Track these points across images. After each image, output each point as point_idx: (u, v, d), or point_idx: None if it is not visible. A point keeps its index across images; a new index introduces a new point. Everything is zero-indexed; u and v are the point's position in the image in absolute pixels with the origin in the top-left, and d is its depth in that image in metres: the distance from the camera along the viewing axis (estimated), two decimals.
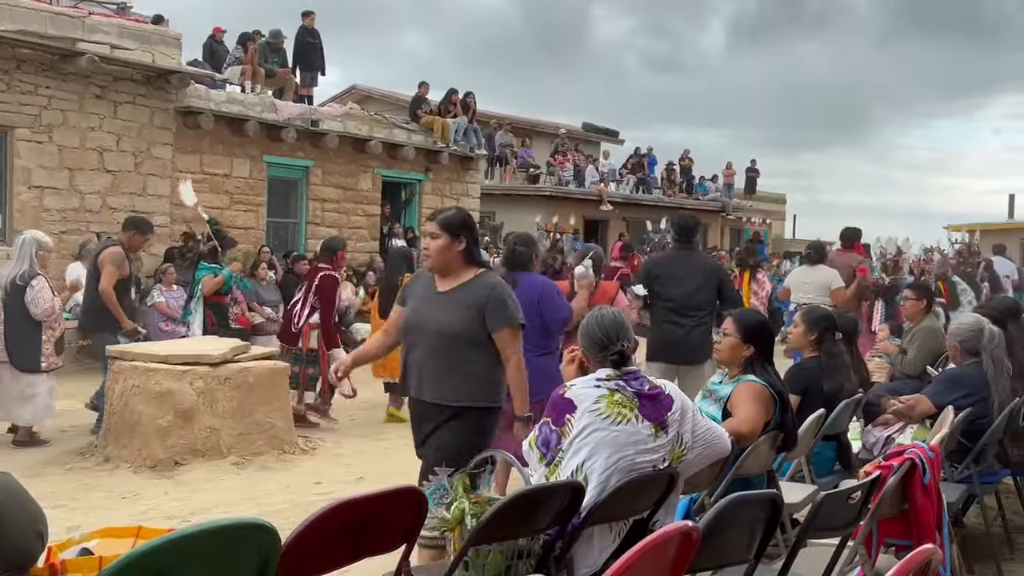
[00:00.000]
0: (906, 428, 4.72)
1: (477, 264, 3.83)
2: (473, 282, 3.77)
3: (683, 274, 6.13)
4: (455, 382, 3.70)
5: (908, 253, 18.09)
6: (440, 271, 3.82)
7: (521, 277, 5.11)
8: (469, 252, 3.79)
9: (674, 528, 2.17)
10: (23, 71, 10.58)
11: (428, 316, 3.77)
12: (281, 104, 13.38)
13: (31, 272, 6.59)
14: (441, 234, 3.75)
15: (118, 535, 2.18)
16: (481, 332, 3.69)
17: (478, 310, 3.68)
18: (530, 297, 4.95)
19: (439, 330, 3.71)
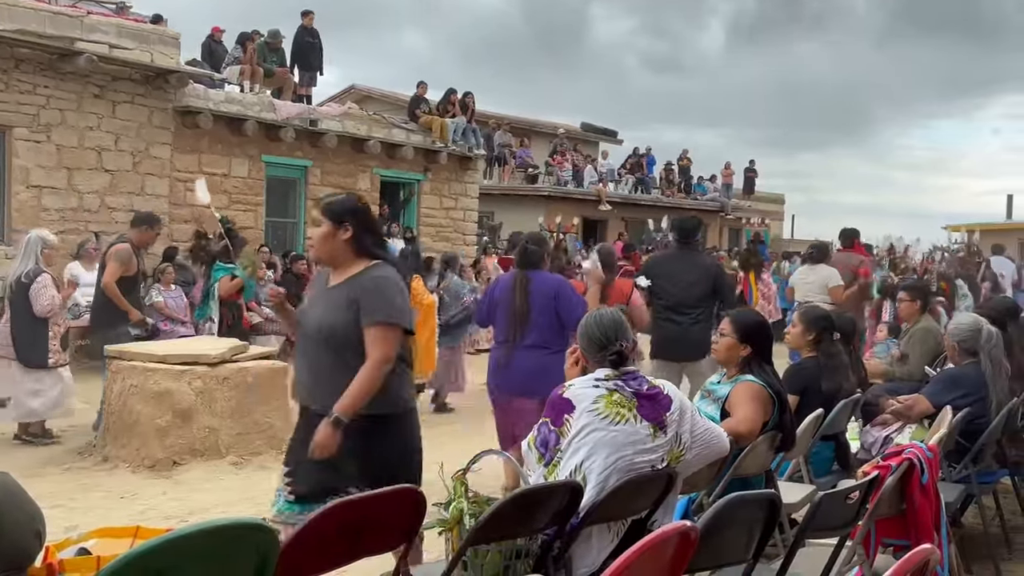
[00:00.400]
0: (904, 428, 4.72)
1: (369, 255, 3.38)
2: (361, 275, 3.34)
3: (680, 273, 6.27)
4: (340, 388, 3.24)
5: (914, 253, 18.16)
6: (327, 263, 3.47)
7: (534, 275, 5.22)
8: (358, 241, 3.35)
9: (672, 528, 2.17)
10: (21, 70, 10.57)
11: (310, 315, 3.44)
12: (280, 104, 13.38)
13: (36, 270, 6.69)
14: (323, 220, 3.38)
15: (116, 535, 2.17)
16: (359, 330, 3.28)
17: (357, 307, 3.28)
18: (545, 295, 5.09)
19: (318, 330, 3.35)
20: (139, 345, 6.92)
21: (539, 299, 5.14)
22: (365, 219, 3.43)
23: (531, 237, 5.67)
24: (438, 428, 7.98)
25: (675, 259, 6.62)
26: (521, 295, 5.19)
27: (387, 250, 3.50)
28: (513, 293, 5.24)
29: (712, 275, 6.38)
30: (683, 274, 6.25)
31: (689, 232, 6.65)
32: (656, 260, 7.13)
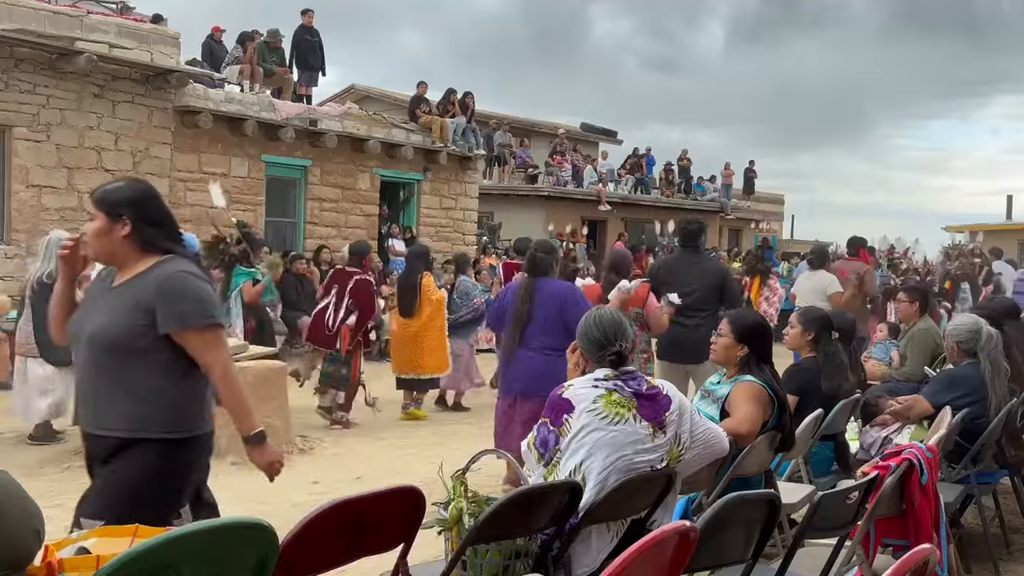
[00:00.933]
0: (903, 428, 4.73)
1: (157, 250, 2.86)
2: (146, 274, 2.83)
3: (685, 276, 6.34)
4: (120, 406, 2.81)
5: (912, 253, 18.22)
6: (106, 261, 2.96)
7: (542, 283, 5.34)
8: (139, 236, 2.84)
9: (672, 528, 2.17)
10: (21, 70, 10.58)
11: (84, 321, 2.90)
12: (280, 104, 13.38)
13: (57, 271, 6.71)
14: (97, 214, 2.86)
15: (116, 534, 2.17)
16: (146, 337, 2.77)
17: (145, 309, 2.77)
18: (553, 302, 5.19)
19: (91, 338, 2.82)
20: None
21: (545, 305, 5.22)
22: (147, 209, 2.90)
23: (540, 245, 5.78)
24: (442, 427, 8.00)
25: (680, 262, 6.71)
26: (525, 300, 5.31)
27: (181, 242, 3.00)
28: (519, 299, 5.37)
29: (718, 278, 6.46)
30: (688, 277, 6.31)
31: (693, 235, 6.73)
32: (661, 264, 7.26)
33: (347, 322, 7.63)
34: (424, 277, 8.13)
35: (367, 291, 7.80)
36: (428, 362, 8.12)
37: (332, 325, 7.64)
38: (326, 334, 7.70)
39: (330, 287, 7.89)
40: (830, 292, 8.47)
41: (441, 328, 8.21)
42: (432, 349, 8.10)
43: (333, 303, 7.71)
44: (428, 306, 8.06)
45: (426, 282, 8.11)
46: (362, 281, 7.79)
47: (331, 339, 7.67)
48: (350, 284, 7.69)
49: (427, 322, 8.08)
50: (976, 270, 14.38)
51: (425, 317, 8.07)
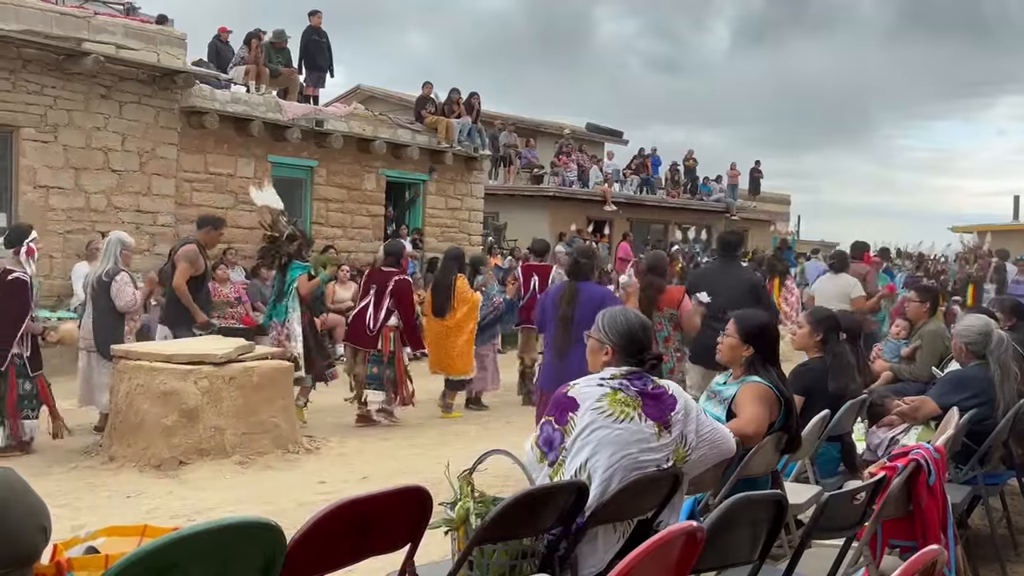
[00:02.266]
0: (910, 429, 4.71)
1: None
2: None
3: (720, 284, 6.62)
4: None
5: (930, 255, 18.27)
6: None
7: (583, 286, 5.73)
8: None
9: (679, 528, 2.17)
10: (29, 71, 10.61)
11: None
12: (286, 104, 13.40)
13: (115, 269, 7.12)
14: None
15: (124, 533, 2.18)
16: None
17: None
18: (592, 304, 5.36)
19: None
20: (145, 345, 6.96)
21: (586, 307, 5.45)
22: None
23: (581, 251, 6.30)
24: (448, 427, 8.01)
25: (716, 272, 7.14)
26: (569, 303, 5.65)
27: None
28: (561, 301, 5.70)
29: (752, 286, 6.80)
30: (723, 286, 6.57)
31: (732, 246, 7.30)
32: (699, 272, 7.85)
33: (388, 323, 7.73)
34: (458, 279, 8.32)
35: (408, 291, 7.90)
36: (458, 363, 8.34)
37: (373, 326, 7.73)
38: (367, 335, 7.77)
39: (367, 287, 7.95)
40: (853, 296, 8.65)
41: (472, 332, 8.39)
42: (461, 352, 8.29)
43: (372, 304, 7.77)
44: (462, 306, 8.25)
45: (460, 284, 8.29)
46: (402, 281, 7.89)
47: (372, 340, 7.76)
48: (390, 285, 7.76)
49: (460, 323, 8.27)
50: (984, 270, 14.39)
51: (459, 317, 8.25)
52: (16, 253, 6.57)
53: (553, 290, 6.14)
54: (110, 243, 7.30)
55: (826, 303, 8.73)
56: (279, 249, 7.71)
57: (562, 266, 9.47)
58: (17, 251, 6.58)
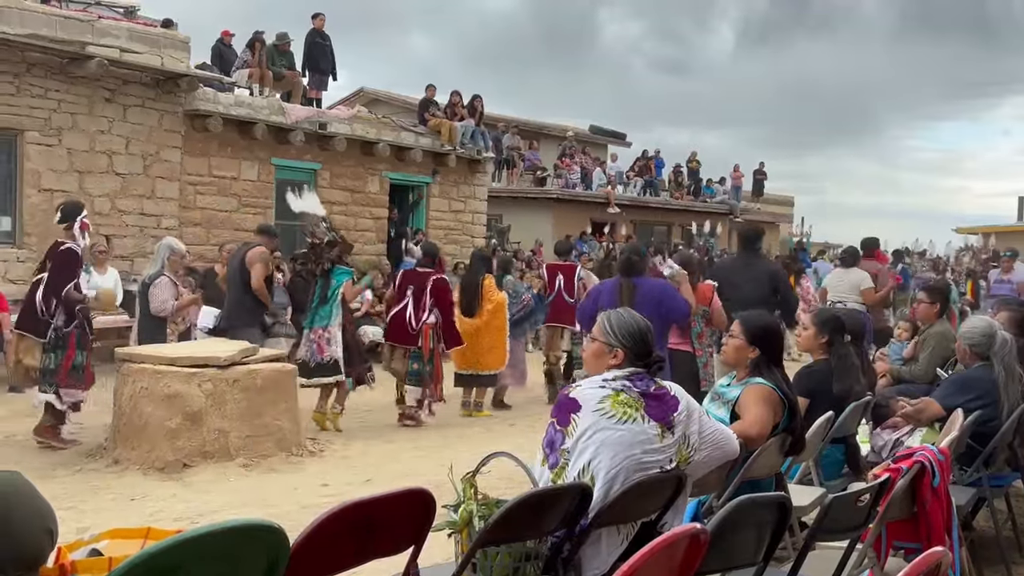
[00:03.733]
0: (915, 431, 4.70)
1: None
2: None
3: (742, 278, 6.86)
4: None
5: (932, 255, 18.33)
6: None
7: (639, 281, 6.01)
8: None
9: (682, 530, 2.17)
10: (33, 74, 10.64)
11: None
12: (289, 107, 13.42)
13: (158, 274, 7.48)
14: None
15: (127, 536, 2.18)
16: None
17: None
18: (651, 297, 5.81)
19: None
20: (150, 347, 6.97)
21: (646, 302, 5.71)
22: None
23: (633, 249, 6.68)
24: (451, 430, 8.01)
25: (738, 266, 7.30)
26: (627, 299, 5.79)
27: None
28: (619, 298, 5.85)
29: (773, 280, 6.98)
30: (744, 280, 6.81)
31: (752, 240, 7.45)
32: (720, 266, 8.02)
33: (428, 320, 7.94)
34: (486, 279, 8.59)
35: (446, 289, 8.13)
36: (488, 359, 8.56)
37: (415, 324, 7.94)
38: (409, 333, 7.97)
39: (404, 287, 8.15)
40: (863, 288, 8.96)
41: (501, 328, 8.63)
42: (491, 347, 8.54)
43: (412, 303, 7.96)
44: (489, 305, 8.50)
45: (487, 284, 8.57)
46: (440, 280, 8.13)
47: (414, 338, 7.97)
48: (428, 284, 7.98)
49: (488, 321, 8.52)
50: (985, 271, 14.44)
51: (486, 316, 8.50)
52: (69, 228, 6.85)
53: (607, 287, 6.32)
54: (160, 248, 7.69)
55: (838, 297, 9.13)
56: (321, 255, 7.82)
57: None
58: (70, 226, 6.84)
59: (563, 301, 9.38)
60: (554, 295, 9.50)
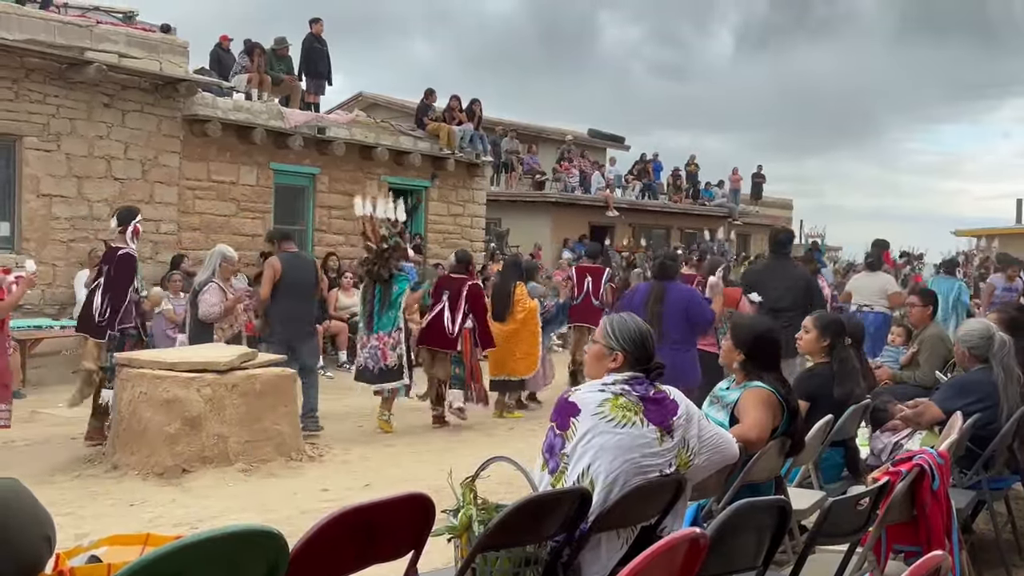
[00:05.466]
0: (914, 434, 4.70)
1: None
2: None
3: (773, 281, 7.05)
4: None
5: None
6: None
7: (670, 286, 6.35)
8: None
9: (682, 535, 2.17)
10: (31, 80, 10.63)
11: None
12: (288, 112, 13.42)
13: (207, 280, 7.67)
14: None
15: (126, 542, 2.17)
16: None
17: None
18: (679, 301, 6.17)
19: None
20: (149, 353, 6.97)
21: (674, 305, 6.15)
22: None
23: (667, 254, 7.14)
24: (451, 434, 8.01)
25: (769, 269, 7.47)
26: (657, 302, 6.19)
27: None
28: (650, 300, 6.23)
29: (803, 283, 7.16)
30: (776, 281, 7.00)
31: (783, 244, 7.62)
32: (753, 270, 8.23)
33: (466, 325, 8.15)
34: (517, 286, 8.84)
35: (481, 295, 8.39)
36: (520, 365, 8.82)
37: (452, 329, 8.12)
38: (447, 338, 8.15)
39: (440, 293, 8.34)
40: (889, 291, 9.15)
41: (534, 333, 8.91)
42: (524, 353, 8.81)
43: (448, 308, 8.15)
44: (521, 312, 8.77)
45: (519, 290, 8.86)
46: (475, 286, 8.38)
47: (453, 342, 8.17)
48: (464, 290, 8.18)
49: (520, 327, 8.78)
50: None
51: (518, 321, 8.76)
52: (123, 232, 7.10)
53: (641, 289, 6.69)
54: (212, 255, 7.87)
55: (864, 300, 9.35)
56: (387, 260, 7.94)
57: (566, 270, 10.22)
58: (124, 230, 7.10)
59: (591, 303, 9.70)
60: (582, 297, 9.80)
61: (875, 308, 9.17)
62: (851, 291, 9.83)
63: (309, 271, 8.10)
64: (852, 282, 10.22)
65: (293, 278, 7.84)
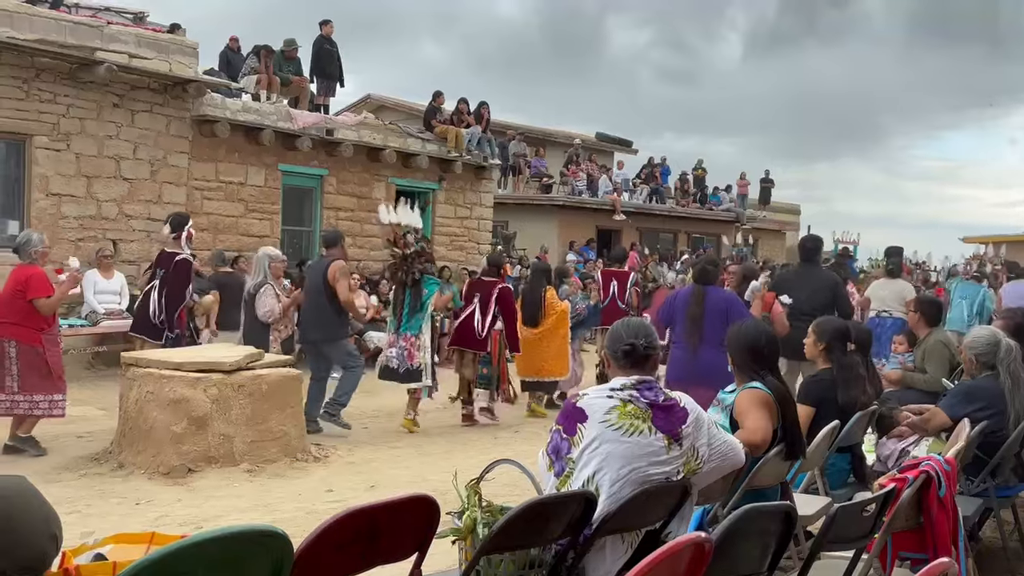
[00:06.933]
0: (921, 440, 4.68)
1: None
2: None
3: (799, 285, 7.33)
4: None
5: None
6: None
7: (710, 290, 6.52)
8: None
9: (687, 539, 2.16)
10: (42, 79, 10.68)
11: None
12: (296, 113, 13.45)
13: (261, 282, 7.98)
14: None
15: (132, 541, 2.18)
16: None
17: None
18: (718, 305, 6.34)
19: None
20: (155, 352, 6.98)
21: (713, 308, 6.31)
22: None
23: (708, 259, 7.46)
24: (456, 436, 8.01)
25: (798, 274, 7.77)
26: (698, 304, 6.39)
27: None
28: (691, 302, 6.44)
29: (829, 288, 7.37)
30: (802, 287, 7.26)
31: (811, 251, 7.91)
32: (782, 275, 8.48)
33: (496, 327, 8.37)
34: (547, 291, 9.11)
35: (511, 298, 8.58)
36: (551, 366, 9.02)
37: (482, 330, 8.34)
38: (477, 339, 8.37)
39: (471, 295, 8.58)
40: (908, 298, 9.07)
41: (564, 336, 9.11)
42: (555, 355, 9.02)
43: (479, 310, 8.34)
44: (552, 315, 9.02)
45: (549, 295, 9.14)
46: (506, 289, 8.57)
47: (483, 343, 8.38)
48: (495, 292, 8.39)
49: (551, 330, 9.00)
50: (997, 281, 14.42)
51: (549, 325, 8.99)
52: (177, 237, 7.43)
53: (682, 293, 6.91)
54: (259, 258, 8.18)
55: (882, 306, 9.47)
56: (411, 266, 8.06)
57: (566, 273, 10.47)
58: (178, 235, 7.43)
59: (616, 306, 9.89)
60: (608, 300, 10.04)
61: (893, 314, 9.19)
62: (870, 297, 9.89)
63: (319, 276, 8.03)
64: (871, 289, 10.25)
65: (311, 282, 8.09)
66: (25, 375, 6.49)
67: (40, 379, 6.54)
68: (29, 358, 6.50)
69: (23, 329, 6.50)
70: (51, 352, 6.63)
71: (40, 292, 6.49)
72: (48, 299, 6.53)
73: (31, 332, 6.52)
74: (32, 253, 6.62)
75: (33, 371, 6.51)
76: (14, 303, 6.49)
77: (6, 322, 6.52)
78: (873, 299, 9.73)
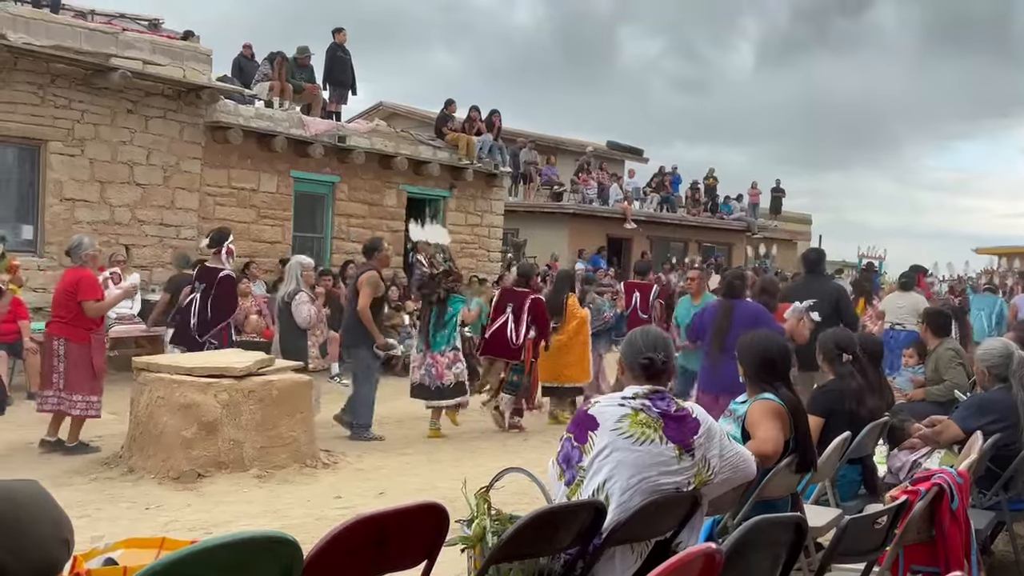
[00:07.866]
0: (932, 453, 4.66)
1: None
2: None
3: (803, 296, 7.28)
4: None
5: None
6: None
7: (737, 303, 6.68)
8: None
9: (697, 550, 2.15)
10: (57, 85, 10.77)
11: None
12: (309, 120, 13.50)
13: (295, 290, 8.09)
14: None
15: (142, 546, 2.19)
16: None
17: None
18: (747, 318, 6.40)
19: None
20: (166, 357, 7.02)
21: (741, 321, 6.34)
22: None
23: (735, 274, 7.48)
24: (465, 444, 8.00)
25: (802, 286, 7.82)
26: (725, 317, 6.54)
27: None
28: (718, 316, 6.61)
29: (834, 299, 7.48)
30: (808, 296, 7.22)
31: (815, 263, 8.06)
32: (788, 287, 8.59)
33: (530, 336, 8.53)
34: (569, 297, 9.18)
35: (543, 307, 8.71)
36: (571, 372, 9.13)
37: (516, 339, 8.52)
38: (511, 348, 8.55)
39: (503, 305, 8.75)
40: (921, 310, 9.13)
41: (584, 343, 9.23)
42: (575, 361, 9.11)
43: (512, 319, 8.54)
44: (573, 321, 9.08)
45: (571, 301, 9.20)
46: (538, 299, 8.73)
47: (516, 351, 8.56)
48: (527, 302, 8.56)
49: (572, 336, 9.09)
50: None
51: (571, 331, 9.07)
52: (217, 253, 7.63)
53: (711, 306, 7.08)
54: (292, 267, 8.31)
55: (896, 318, 9.58)
56: (439, 283, 8.22)
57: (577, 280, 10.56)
58: (219, 251, 7.62)
59: (638, 316, 10.06)
60: (630, 311, 10.26)
61: (907, 327, 9.23)
62: (883, 310, 9.95)
63: (353, 282, 8.34)
64: (885, 301, 10.35)
65: (350, 289, 8.34)
66: (70, 373, 6.79)
67: (83, 379, 6.83)
68: (75, 357, 6.82)
69: (73, 328, 6.83)
70: (97, 353, 6.94)
71: (89, 295, 6.84)
72: (97, 302, 6.89)
73: (80, 332, 6.86)
74: (83, 256, 7.00)
75: (78, 369, 6.81)
76: (67, 303, 6.84)
77: (57, 320, 6.89)
78: (887, 312, 9.81)
